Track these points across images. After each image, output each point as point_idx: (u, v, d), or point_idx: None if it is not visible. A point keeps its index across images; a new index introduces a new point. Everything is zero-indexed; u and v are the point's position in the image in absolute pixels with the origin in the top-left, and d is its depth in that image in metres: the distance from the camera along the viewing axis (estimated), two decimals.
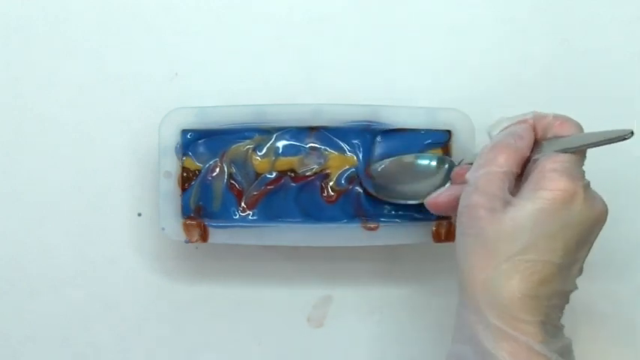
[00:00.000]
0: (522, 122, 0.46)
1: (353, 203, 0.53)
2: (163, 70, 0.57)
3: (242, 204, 0.54)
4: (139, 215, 0.57)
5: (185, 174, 0.53)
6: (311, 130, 0.54)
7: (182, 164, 0.53)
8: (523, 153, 0.44)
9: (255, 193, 0.54)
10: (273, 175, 0.54)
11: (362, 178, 0.53)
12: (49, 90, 0.57)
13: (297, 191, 0.53)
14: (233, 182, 0.54)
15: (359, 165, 0.53)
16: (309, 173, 0.54)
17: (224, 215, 0.53)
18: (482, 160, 0.44)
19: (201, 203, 0.53)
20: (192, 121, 0.53)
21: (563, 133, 0.45)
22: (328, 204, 0.53)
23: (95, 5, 0.57)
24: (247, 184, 0.54)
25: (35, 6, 0.57)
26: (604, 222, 0.43)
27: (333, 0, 0.58)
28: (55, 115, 0.57)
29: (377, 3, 0.58)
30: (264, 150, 0.54)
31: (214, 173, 0.53)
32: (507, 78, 0.58)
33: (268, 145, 0.54)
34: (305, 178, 0.54)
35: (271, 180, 0.54)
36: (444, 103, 0.55)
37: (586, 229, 0.42)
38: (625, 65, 0.58)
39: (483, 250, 0.42)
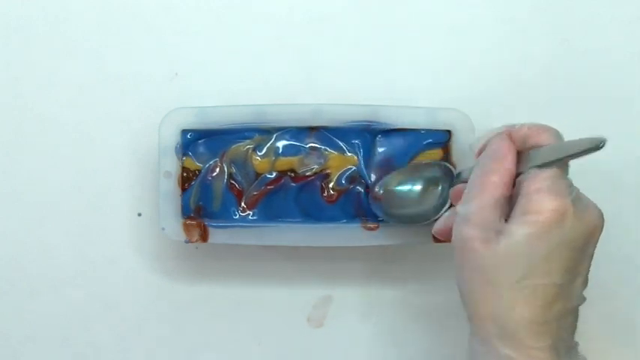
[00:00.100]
0: (499, 138, 0.45)
1: (353, 203, 0.53)
2: (163, 70, 0.57)
3: (242, 204, 0.54)
4: (139, 215, 0.57)
5: (185, 174, 0.53)
6: (311, 130, 0.54)
7: (182, 164, 0.53)
8: (510, 173, 0.43)
9: (255, 193, 0.54)
10: (273, 175, 0.54)
11: (370, 204, 0.53)
12: (49, 90, 0.57)
13: (297, 191, 0.53)
14: (233, 182, 0.54)
15: (359, 165, 0.53)
16: (309, 173, 0.54)
17: (224, 215, 0.53)
18: (471, 191, 0.44)
19: (201, 203, 0.53)
20: (192, 121, 0.53)
21: (541, 143, 0.44)
22: (328, 204, 0.53)
23: (95, 5, 0.57)
24: (247, 184, 0.54)
25: (35, 6, 0.57)
26: (600, 230, 0.43)
27: (333, 0, 0.58)
28: (55, 115, 0.57)
29: (377, 3, 0.58)
30: (264, 150, 0.54)
31: (214, 173, 0.54)
32: (507, 78, 0.58)
33: (268, 145, 0.54)
34: (305, 178, 0.54)
35: (271, 180, 0.54)
36: (444, 103, 0.55)
37: (582, 243, 0.42)
38: (625, 65, 0.58)
39: (483, 282, 0.42)
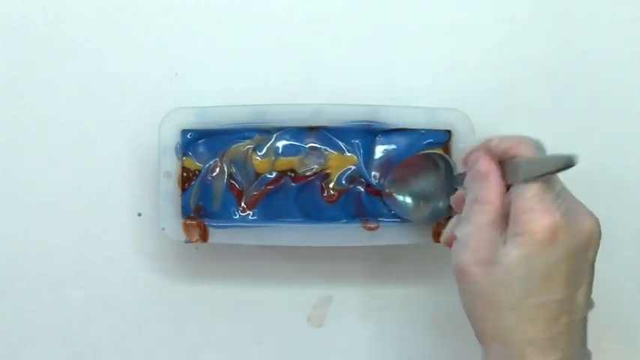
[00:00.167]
0: (479, 157, 0.44)
1: (353, 203, 0.53)
2: (163, 70, 0.57)
3: (242, 204, 0.54)
4: (139, 215, 0.57)
5: (185, 174, 0.53)
6: (311, 130, 0.54)
7: (182, 164, 0.53)
8: (498, 189, 0.43)
9: (255, 193, 0.54)
10: (273, 175, 0.54)
11: (386, 202, 0.53)
12: (49, 90, 0.57)
13: (297, 191, 0.53)
14: (233, 182, 0.54)
15: (359, 165, 0.53)
16: (309, 173, 0.54)
17: (224, 215, 0.53)
18: (466, 215, 0.44)
19: (201, 203, 0.53)
20: (192, 121, 0.53)
21: (522, 155, 0.43)
22: (328, 204, 0.53)
23: (95, 5, 0.57)
24: (247, 184, 0.54)
25: (35, 6, 0.57)
26: (597, 236, 0.42)
27: (333, 0, 0.58)
28: (55, 115, 0.57)
29: (377, 3, 0.58)
30: (264, 150, 0.54)
31: (214, 173, 0.54)
32: (507, 78, 0.58)
33: (268, 145, 0.54)
34: (305, 178, 0.54)
35: (271, 180, 0.54)
36: (444, 103, 0.55)
37: (579, 254, 0.41)
38: (625, 65, 0.58)
39: (486, 304, 0.42)
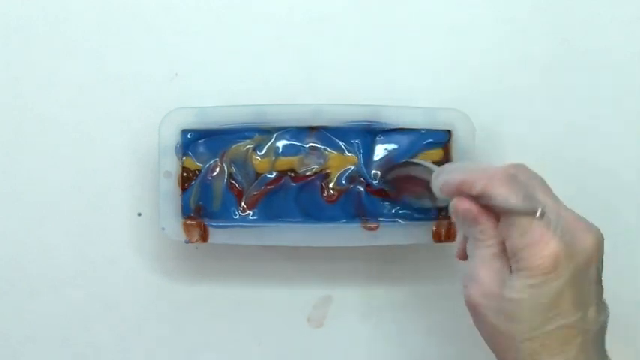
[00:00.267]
0: (459, 204, 0.43)
1: (353, 203, 0.53)
2: (163, 70, 0.57)
3: (242, 204, 0.54)
4: (139, 215, 0.57)
5: (185, 174, 0.53)
6: (311, 130, 0.54)
7: (182, 164, 0.53)
8: (492, 223, 0.43)
9: (255, 193, 0.54)
10: (273, 175, 0.54)
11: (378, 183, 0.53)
12: (49, 90, 0.57)
13: (297, 191, 0.53)
14: (233, 182, 0.54)
15: (359, 165, 0.53)
16: (309, 173, 0.54)
17: (224, 215, 0.53)
18: (470, 252, 0.44)
19: (201, 203, 0.53)
20: (192, 121, 0.53)
21: (499, 194, 0.42)
22: (328, 204, 0.53)
23: (95, 5, 0.57)
24: (247, 184, 0.54)
25: (35, 6, 0.57)
26: (599, 249, 0.42)
27: (333, 0, 0.58)
28: (55, 115, 0.57)
29: (377, 3, 0.58)
30: (264, 150, 0.54)
31: (214, 173, 0.54)
32: (507, 78, 0.58)
33: (268, 145, 0.54)
34: (305, 178, 0.53)
35: (271, 180, 0.54)
36: (444, 103, 0.55)
37: (582, 275, 0.41)
38: (625, 65, 0.58)
39: (500, 337, 0.42)
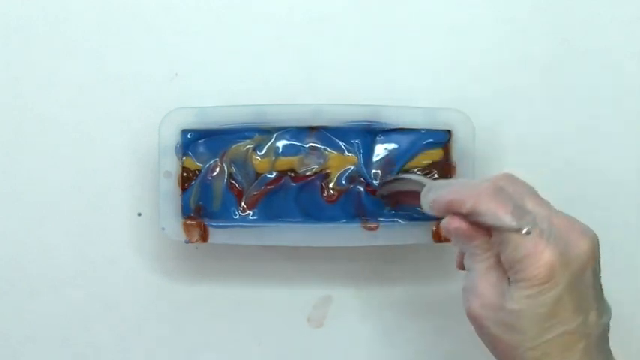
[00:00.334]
0: (450, 223, 0.43)
1: (353, 203, 0.53)
2: (163, 70, 0.57)
3: (242, 204, 0.54)
4: (139, 215, 0.57)
5: (185, 174, 0.53)
6: (311, 130, 0.54)
7: (182, 164, 0.53)
8: (485, 237, 0.43)
9: (255, 193, 0.54)
10: (273, 175, 0.54)
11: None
12: (49, 90, 0.57)
13: (297, 191, 0.53)
14: (233, 182, 0.54)
15: (359, 165, 0.53)
16: (309, 173, 0.54)
17: (224, 215, 0.53)
18: (468, 265, 0.44)
19: (201, 203, 0.53)
20: (192, 121, 0.53)
21: (485, 210, 0.42)
22: (328, 204, 0.53)
23: (95, 5, 0.57)
24: (247, 184, 0.54)
25: (35, 6, 0.57)
26: (594, 255, 0.42)
27: (333, 0, 0.58)
28: (55, 115, 0.57)
29: (377, 3, 0.58)
30: (264, 150, 0.54)
31: (214, 173, 0.53)
32: (507, 78, 0.58)
33: (268, 145, 0.54)
34: (305, 178, 0.53)
35: (271, 180, 0.54)
36: (444, 103, 0.55)
37: (578, 281, 0.41)
38: (625, 65, 0.58)
39: (503, 346, 0.42)
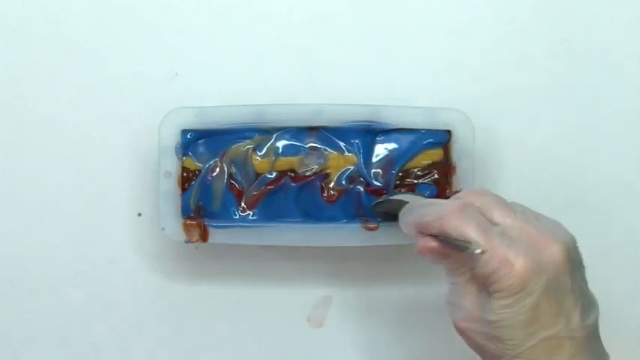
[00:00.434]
0: (423, 243, 0.44)
1: (353, 203, 0.53)
2: (163, 70, 0.57)
3: (242, 204, 0.54)
4: (139, 215, 0.57)
5: (185, 174, 0.53)
6: (311, 130, 0.54)
7: (182, 164, 0.53)
8: (455, 261, 0.43)
9: (255, 193, 0.54)
10: (273, 175, 0.54)
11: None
12: (49, 90, 0.57)
13: (297, 191, 0.53)
14: (233, 182, 0.54)
15: (359, 165, 0.53)
16: (309, 173, 0.54)
17: (224, 215, 0.53)
18: (448, 279, 0.45)
19: (201, 203, 0.53)
20: (192, 121, 0.53)
21: (451, 230, 0.42)
22: (328, 204, 0.53)
23: (95, 5, 0.57)
24: (247, 184, 0.54)
25: (35, 6, 0.57)
26: (568, 259, 0.42)
27: (333, 0, 0.58)
28: (55, 115, 0.57)
29: (377, 3, 0.58)
30: (264, 150, 0.54)
31: (214, 173, 0.53)
32: (507, 78, 0.57)
33: (268, 145, 0.54)
34: (305, 178, 0.53)
35: (271, 180, 0.54)
36: (444, 103, 0.55)
37: (553, 286, 0.41)
38: (625, 65, 0.58)
39: (490, 355, 0.43)
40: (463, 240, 0.42)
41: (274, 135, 0.54)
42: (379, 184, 0.53)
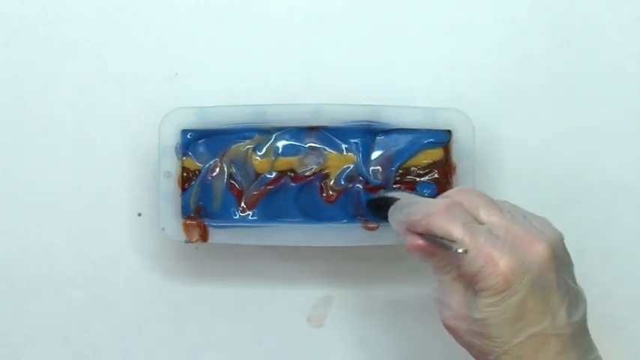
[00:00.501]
0: (411, 241, 0.45)
1: (353, 203, 0.53)
2: (163, 70, 0.57)
3: (242, 204, 0.54)
4: (139, 215, 0.57)
5: (185, 174, 0.53)
6: (311, 130, 0.54)
7: (182, 164, 0.53)
8: (441, 259, 0.44)
9: (255, 193, 0.54)
10: (273, 175, 0.54)
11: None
12: (49, 90, 0.57)
13: (297, 191, 0.53)
14: (233, 182, 0.54)
15: (359, 164, 0.53)
16: (308, 173, 0.54)
17: (224, 215, 0.53)
18: (436, 277, 0.45)
19: (201, 203, 0.53)
20: (192, 121, 0.53)
21: (437, 229, 0.43)
22: (328, 204, 0.53)
23: (95, 5, 0.57)
24: (247, 184, 0.54)
25: (35, 6, 0.57)
26: (553, 256, 0.42)
27: (333, 0, 0.58)
28: (55, 115, 0.57)
29: (377, 3, 0.58)
30: (264, 150, 0.54)
31: (214, 173, 0.54)
32: (507, 78, 0.58)
33: (268, 145, 0.54)
34: (305, 178, 0.53)
35: (271, 180, 0.54)
36: (444, 103, 0.55)
37: (539, 284, 0.41)
38: (625, 65, 0.58)
39: (478, 353, 0.43)
40: (448, 239, 0.42)
41: (274, 135, 0.54)
42: (378, 182, 0.53)
